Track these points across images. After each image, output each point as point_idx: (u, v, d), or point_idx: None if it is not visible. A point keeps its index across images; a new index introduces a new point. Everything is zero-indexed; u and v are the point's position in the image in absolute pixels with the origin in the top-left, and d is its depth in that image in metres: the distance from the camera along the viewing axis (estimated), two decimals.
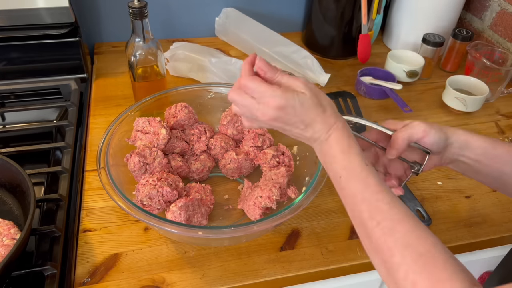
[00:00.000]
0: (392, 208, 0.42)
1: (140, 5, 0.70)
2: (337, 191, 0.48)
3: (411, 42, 1.07)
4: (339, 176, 0.46)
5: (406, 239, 0.40)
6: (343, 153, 0.46)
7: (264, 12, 1.11)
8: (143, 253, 0.61)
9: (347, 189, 0.46)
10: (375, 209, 0.43)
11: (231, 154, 0.69)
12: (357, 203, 0.44)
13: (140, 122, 0.65)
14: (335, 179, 0.47)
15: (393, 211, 0.42)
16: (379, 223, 0.42)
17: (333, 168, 0.47)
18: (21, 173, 0.59)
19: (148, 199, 0.58)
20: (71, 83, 0.87)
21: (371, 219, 0.42)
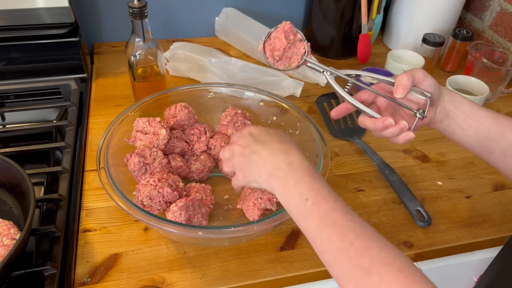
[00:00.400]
0: (363, 228, 0.42)
1: (140, 5, 0.70)
2: (299, 217, 0.46)
3: (411, 42, 1.07)
4: (306, 198, 0.45)
5: (381, 256, 0.39)
6: (310, 177, 0.46)
7: (264, 12, 1.11)
8: (143, 253, 0.61)
9: (313, 212, 0.44)
10: (347, 229, 0.41)
11: None
12: (326, 225, 0.43)
13: (140, 123, 0.65)
14: (300, 204, 0.45)
15: (365, 230, 0.41)
16: (352, 244, 0.40)
17: (297, 191, 0.46)
18: (21, 173, 0.59)
19: (148, 199, 0.58)
20: (71, 83, 0.87)
21: (343, 240, 0.41)
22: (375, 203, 0.70)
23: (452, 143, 0.82)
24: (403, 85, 0.53)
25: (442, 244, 0.65)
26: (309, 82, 0.97)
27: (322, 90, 0.95)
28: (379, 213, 0.68)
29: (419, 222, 0.66)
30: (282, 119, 0.73)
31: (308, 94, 0.94)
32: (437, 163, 0.79)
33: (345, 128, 0.84)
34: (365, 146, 0.79)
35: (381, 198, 0.71)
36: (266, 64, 1.00)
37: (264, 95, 0.73)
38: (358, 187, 0.73)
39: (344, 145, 0.81)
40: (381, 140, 0.83)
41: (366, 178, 0.75)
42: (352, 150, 0.80)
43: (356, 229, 0.41)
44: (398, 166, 0.77)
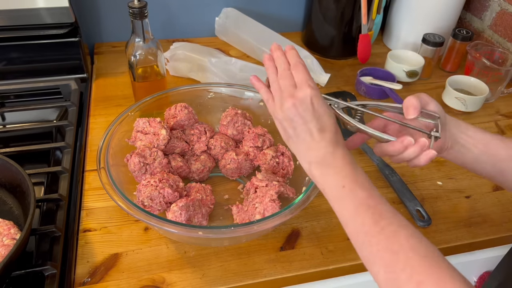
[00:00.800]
0: (394, 215, 0.44)
1: (140, 5, 0.70)
2: (334, 201, 0.49)
3: (411, 42, 1.07)
4: (342, 185, 0.47)
5: (410, 243, 0.41)
6: (351, 164, 0.49)
7: (264, 12, 1.11)
8: (143, 253, 0.61)
9: (348, 198, 0.46)
10: (379, 216, 0.44)
11: (231, 155, 0.69)
12: (361, 211, 0.45)
13: (140, 123, 0.65)
14: (336, 189, 0.48)
15: (396, 218, 0.44)
16: (383, 228, 0.43)
17: (335, 179, 0.48)
18: (21, 173, 0.59)
19: (149, 200, 0.58)
20: (71, 83, 0.87)
21: (375, 225, 0.44)
22: None
23: None
24: (413, 106, 0.52)
25: (442, 244, 0.65)
26: None
27: (322, 90, 0.95)
28: None
29: (419, 222, 0.66)
30: None
31: None
32: (436, 163, 0.79)
33: (345, 129, 0.84)
34: (365, 146, 0.79)
35: None
36: None
37: None
38: None
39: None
40: None
41: None
42: (352, 150, 0.80)
43: (388, 216, 0.44)
44: (398, 166, 0.77)
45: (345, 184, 0.47)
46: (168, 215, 0.57)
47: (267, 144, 0.69)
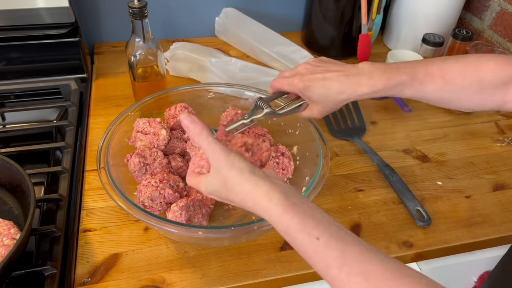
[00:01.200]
0: (367, 279, 0.37)
1: (140, 5, 0.70)
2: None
3: (411, 42, 1.07)
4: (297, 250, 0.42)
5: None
6: (287, 234, 0.42)
7: (264, 12, 1.11)
8: (143, 253, 0.61)
9: (312, 267, 0.41)
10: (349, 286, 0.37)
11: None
12: (329, 281, 0.40)
13: (140, 123, 0.65)
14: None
15: (369, 281, 0.37)
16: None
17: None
18: (21, 173, 0.59)
19: (150, 200, 0.58)
20: (71, 83, 0.87)
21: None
22: (375, 203, 0.70)
23: (452, 143, 0.83)
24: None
25: (442, 244, 0.65)
26: None
27: None
28: (379, 213, 0.69)
29: (419, 222, 0.66)
30: (281, 119, 0.73)
31: None
32: (436, 163, 0.79)
33: (345, 128, 0.84)
34: (365, 146, 0.79)
35: (381, 198, 0.71)
36: (266, 64, 1.00)
37: (264, 95, 0.73)
38: (358, 187, 0.73)
39: (344, 145, 0.81)
40: (381, 140, 0.83)
41: (366, 178, 0.75)
42: (352, 150, 0.80)
43: (359, 282, 0.37)
44: (398, 166, 0.77)
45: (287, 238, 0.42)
46: (168, 215, 0.57)
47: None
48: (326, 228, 0.40)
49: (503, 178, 0.76)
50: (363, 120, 0.86)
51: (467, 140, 0.85)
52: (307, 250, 0.40)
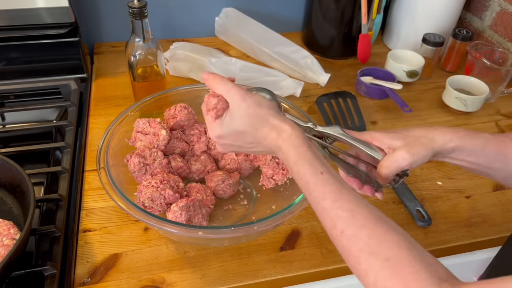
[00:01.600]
0: (353, 215, 0.41)
1: (140, 5, 0.70)
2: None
3: (411, 42, 1.07)
4: (300, 184, 0.46)
5: (369, 246, 0.39)
6: (296, 165, 0.46)
7: (264, 12, 1.10)
8: (143, 253, 0.61)
9: (308, 199, 0.46)
10: (336, 218, 0.42)
11: (231, 155, 0.69)
12: (319, 213, 0.44)
13: (140, 123, 0.65)
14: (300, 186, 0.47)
15: (355, 217, 0.41)
16: (342, 232, 0.41)
17: (296, 176, 0.47)
18: (21, 173, 0.59)
19: (150, 201, 0.58)
20: (71, 83, 0.87)
21: (334, 228, 0.42)
22: (375, 203, 0.70)
23: None
24: (385, 179, 0.51)
25: (442, 244, 0.65)
26: (309, 82, 0.97)
27: (322, 90, 0.95)
28: None
29: (419, 222, 0.66)
30: None
31: (308, 94, 0.94)
32: (437, 163, 0.79)
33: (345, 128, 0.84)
34: None
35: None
36: (266, 64, 1.00)
37: None
38: None
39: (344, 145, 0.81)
40: None
41: None
42: None
43: (345, 216, 0.41)
44: None
45: (300, 185, 0.46)
46: (169, 215, 0.57)
47: None
48: (329, 170, 0.45)
49: None
50: (363, 120, 0.86)
51: None
52: (309, 180, 0.44)
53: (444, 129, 0.52)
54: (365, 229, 0.40)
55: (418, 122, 0.88)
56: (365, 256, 0.39)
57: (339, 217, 0.41)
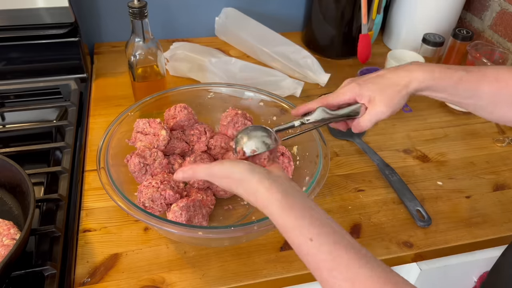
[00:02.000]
0: (353, 285, 0.38)
1: (140, 5, 0.70)
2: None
3: (410, 42, 1.07)
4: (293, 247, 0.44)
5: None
6: (285, 232, 0.44)
7: (264, 12, 1.10)
8: (143, 253, 0.61)
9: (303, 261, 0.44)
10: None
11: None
12: (317, 279, 0.41)
13: (140, 124, 0.65)
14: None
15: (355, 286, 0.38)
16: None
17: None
18: (21, 173, 0.59)
19: (150, 201, 0.58)
20: (71, 83, 0.87)
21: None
22: (375, 203, 0.70)
23: (452, 143, 0.83)
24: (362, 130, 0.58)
25: (442, 244, 0.64)
26: (309, 82, 0.96)
27: (322, 90, 0.95)
28: (379, 213, 0.68)
29: (419, 222, 0.66)
30: (282, 119, 0.73)
31: (308, 94, 0.94)
32: (437, 163, 0.79)
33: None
34: (365, 146, 0.79)
35: (381, 198, 0.71)
36: (266, 64, 1.00)
37: (264, 95, 0.73)
38: (358, 187, 0.73)
39: (344, 145, 0.81)
40: (381, 140, 0.83)
41: (366, 178, 0.74)
42: (352, 150, 0.80)
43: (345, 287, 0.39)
44: (398, 166, 0.77)
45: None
46: (169, 215, 0.57)
47: None
48: (321, 230, 0.41)
49: (503, 178, 0.76)
50: None
51: (467, 140, 0.85)
52: (301, 249, 0.42)
53: (419, 71, 0.55)
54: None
55: (418, 122, 0.88)
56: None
57: (339, 286, 0.39)
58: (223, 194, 0.66)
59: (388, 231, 0.66)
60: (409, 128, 0.87)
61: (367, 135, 0.84)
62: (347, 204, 0.70)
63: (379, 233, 0.65)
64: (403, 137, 0.84)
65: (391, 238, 0.65)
